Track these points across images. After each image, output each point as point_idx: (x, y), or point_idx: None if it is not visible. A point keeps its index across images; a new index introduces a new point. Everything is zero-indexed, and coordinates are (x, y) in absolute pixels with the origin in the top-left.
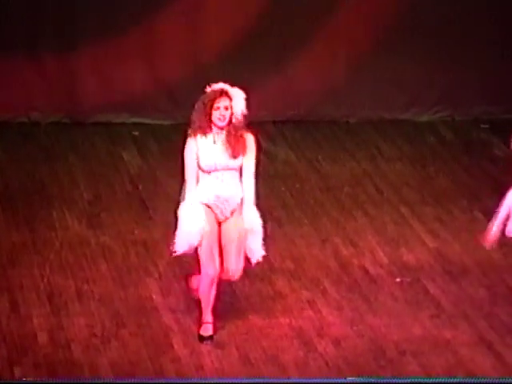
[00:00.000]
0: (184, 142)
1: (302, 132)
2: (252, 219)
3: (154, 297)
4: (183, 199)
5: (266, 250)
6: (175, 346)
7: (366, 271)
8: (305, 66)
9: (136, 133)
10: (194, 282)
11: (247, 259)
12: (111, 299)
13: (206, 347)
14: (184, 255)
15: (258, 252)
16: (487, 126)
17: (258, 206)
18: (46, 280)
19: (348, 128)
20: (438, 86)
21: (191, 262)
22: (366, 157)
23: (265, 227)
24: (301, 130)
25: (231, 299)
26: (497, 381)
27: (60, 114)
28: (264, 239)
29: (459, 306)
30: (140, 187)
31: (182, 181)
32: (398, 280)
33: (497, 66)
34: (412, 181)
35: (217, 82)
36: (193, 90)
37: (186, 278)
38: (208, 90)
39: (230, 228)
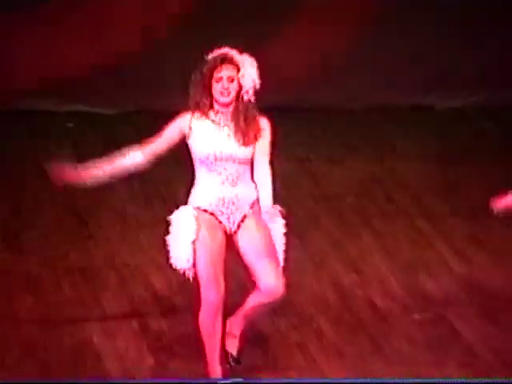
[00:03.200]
0: None
1: (291, 123)
2: (272, 227)
3: (96, 340)
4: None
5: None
6: None
7: (374, 305)
8: (292, 40)
9: (71, 124)
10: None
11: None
12: (38, 345)
13: None
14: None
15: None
16: None
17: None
18: None
19: (351, 118)
20: (469, 63)
21: (144, 295)
22: (374, 155)
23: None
24: (289, 120)
25: (197, 342)
26: (496, 381)
27: None
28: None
29: (498, 353)
30: (76, 196)
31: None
32: (416, 317)
33: None
34: (435, 186)
35: (175, 61)
36: (144, 72)
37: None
38: (209, 56)
39: (249, 235)
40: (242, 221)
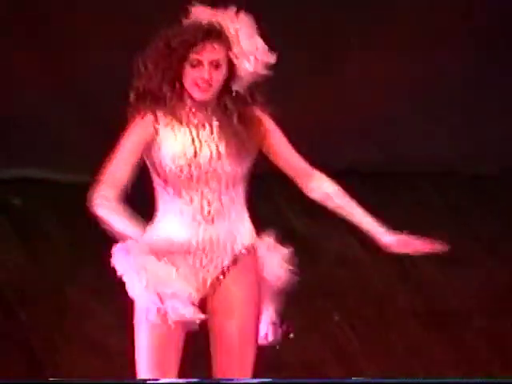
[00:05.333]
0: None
1: (375, 197)
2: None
3: None
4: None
5: None
6: None
7: None
8: (378, 66)
9: (17, 200)
10: None
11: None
12: None
13: None
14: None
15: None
16: None
17: None
18: None
19: (476, 187)
20: None
21: None
22: None
23: None
24: (372, 191)
25: None
26: (496, 381)
27: None
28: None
29: None
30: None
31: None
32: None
33: None
34: None
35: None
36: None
37: None
38: (183, 23)
39: (222, 305)
40: (225, 274)
